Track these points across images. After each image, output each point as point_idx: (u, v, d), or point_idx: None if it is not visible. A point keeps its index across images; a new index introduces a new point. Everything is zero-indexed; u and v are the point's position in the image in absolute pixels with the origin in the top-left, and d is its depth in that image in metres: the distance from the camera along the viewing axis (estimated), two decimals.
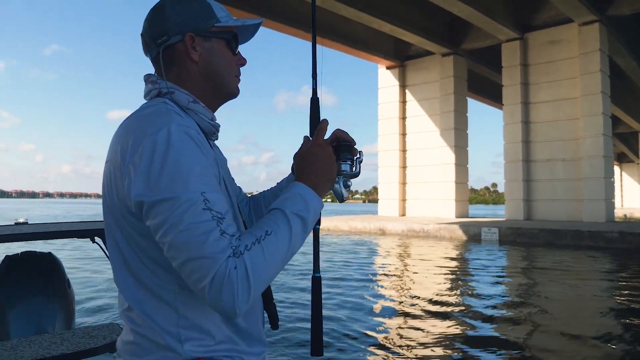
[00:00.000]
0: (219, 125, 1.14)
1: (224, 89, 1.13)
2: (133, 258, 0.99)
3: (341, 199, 1.13)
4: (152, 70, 1.14)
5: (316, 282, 1.13)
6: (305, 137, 1.15)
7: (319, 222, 1.10)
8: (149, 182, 0.89)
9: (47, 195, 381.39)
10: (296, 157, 1.11)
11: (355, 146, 1.14)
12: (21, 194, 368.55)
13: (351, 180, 1.14)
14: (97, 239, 3.00)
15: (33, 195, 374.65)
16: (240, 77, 1.17)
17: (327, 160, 1.08)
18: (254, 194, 1.39)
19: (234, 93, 1.16)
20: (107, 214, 1.02)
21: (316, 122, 1.16)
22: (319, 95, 1.18)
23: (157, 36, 1.07)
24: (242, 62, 1.17)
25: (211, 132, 1.11)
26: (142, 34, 1.11)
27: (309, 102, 1.16)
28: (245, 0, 18.67)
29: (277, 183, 1.36)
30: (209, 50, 1.09)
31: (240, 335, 1.03)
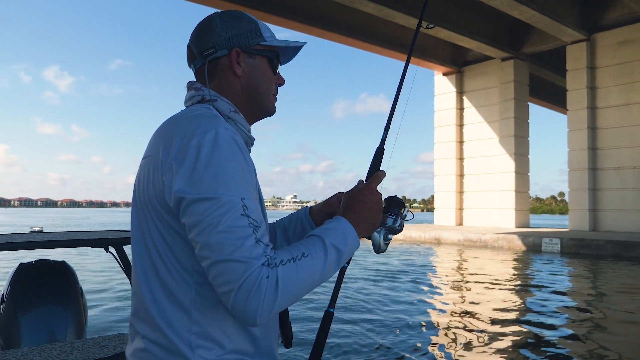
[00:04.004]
0: (254, 139, 1.17)
1: (261, 105, 1.17)
2: (156, 256, 0.99)
3: (377, 250, 1.16)
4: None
5: (327, 317, 1.15)
6: (360, 181, 1.20)
7: (348, 262, 1.12)
8: (192, 179, 0.90)
9: (114, 204, 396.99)
10: (346, 195, 1.14)
11: (405, 206, 1.19)
12: (90, 204, 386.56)
13: (391, 235, 1.17)
14: (111, 248, 2.99)
15: (101, 205, 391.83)
16: (277, 97, 1.21)
17: (375, 206, 1.11)
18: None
19: (270, 111, 1.20)
20: (138, 209, 1.04)
21: (375, 170, 1.22)
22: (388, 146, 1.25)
23: (204, 48, 1.11)
24: (281, 81, 1.21)
25: (247, 144, 1.12)
26: (188, 46, 1.15)
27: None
28: (292, 11, 19.01)
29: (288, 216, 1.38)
30: (252, 67, 1.13)
31: (251, 346, 1.02)
